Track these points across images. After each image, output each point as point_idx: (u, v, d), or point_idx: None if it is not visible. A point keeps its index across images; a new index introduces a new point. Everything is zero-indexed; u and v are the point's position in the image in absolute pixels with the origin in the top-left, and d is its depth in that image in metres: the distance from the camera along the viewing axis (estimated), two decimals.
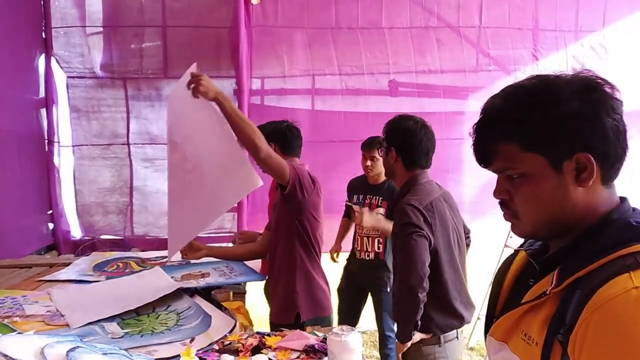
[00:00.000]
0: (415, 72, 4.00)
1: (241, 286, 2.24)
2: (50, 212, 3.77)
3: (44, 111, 3.71)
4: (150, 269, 2.40)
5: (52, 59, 3.72)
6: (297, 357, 1.43)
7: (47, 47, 3.71)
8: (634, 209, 0.78)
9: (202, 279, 2.19)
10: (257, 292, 2.77)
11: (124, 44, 3.83)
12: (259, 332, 1.60)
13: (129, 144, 3.87)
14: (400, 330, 1.86)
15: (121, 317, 1.77)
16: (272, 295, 2.24)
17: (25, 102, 3.58)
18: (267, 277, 2.29)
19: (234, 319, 1.72)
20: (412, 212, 1.80)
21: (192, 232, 2.03)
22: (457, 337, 1.91)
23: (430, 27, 3.97)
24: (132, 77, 3.85)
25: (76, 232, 3.89)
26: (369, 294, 3.10)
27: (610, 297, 0.65)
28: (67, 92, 3.80)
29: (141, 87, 3.86)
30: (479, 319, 3.75)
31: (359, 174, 3.12)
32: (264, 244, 2.27)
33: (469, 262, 2.08)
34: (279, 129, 2.33)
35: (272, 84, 3.97)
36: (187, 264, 2.41)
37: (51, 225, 3.78)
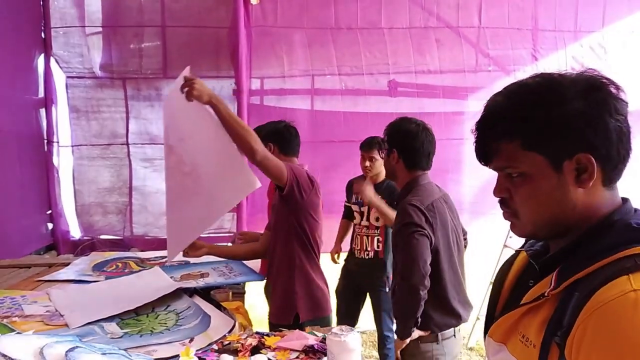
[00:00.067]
0: (414, 72, 4.00)
1: (240, 286, 2.24)
2: (49, 212, 3.77)
3: (43, 111, 3.71)
4: (149, 269, 2.40)
5: (52, 59, 3.72)
6: (297, 357, 1.43)
7: (46, 47, 3.71)
8: (635, 210, 0.76)
9: (201, 279, 2.20)
10: (256, 292, 2.77)
11: (124, 44, 3.83)
12: (258, 332, 1.60)
13: (128, 144, 3.87)
14: (400, 327, 1.90)
15: (120, 317, 1.77)
16: (271, 295, 2.23)
17: (24, 102, 3.58)
18: (266, 277, 2.29)
19: (233, 319, 1.72)
20: (414, 212, 1.83)
21: (191, 234, 2.02)
22: (454, 335, 1.95)
23: (429, 27, 3.98)
24: (132, 77, 3.85)
25: (75, 232, 3.89)
26: (368, 294, 3.10)
27: (608, 299, 0.64)
28: (67, 92, 3.80)
29: (140, 87, 3.86)
30: (479, 319, 3.75)
31: (358, 174, 3.12)
32: (264, 244, 2.27)
33: (468, 262, 2.11)
34: (277, 129, 2.31)
35: (272, 84, 3.97)
36: (186, 264, 2.41)
37: (50, 225, 3.78)
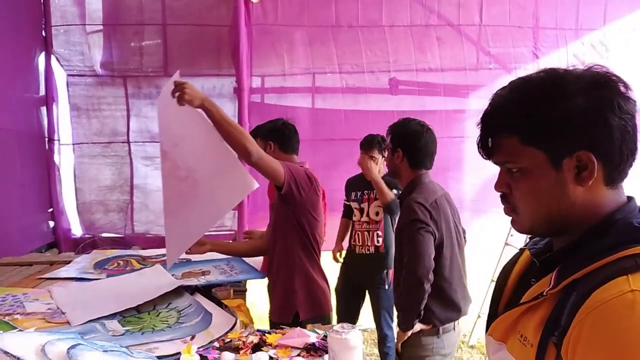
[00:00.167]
0: (415, 70, 4.00)
1: (242, 284, 2.24)
2: (50, 210, 3.77)
3: (44, 109, 3.71)
4: (150, 266, 2.40)
5: (52, 57, 3.72)
6: (298, 355, 1.43)
7: (47, 45, 3.71)
8: (639, 210, 0.75)
9: (202, 277, 2.20)
10: (257, 290, 2.77)
11: (124, 42, 3.83)
12: (259, 330, 1.60)
13: (129, 142, 3.87)
14: (403, 319, 1.96)
15: (122, 315, 1.77)
16: (271, 294, 2.24)
17: (25, 100, 3.58)
18: (267, 275, 2.29)
19: (234, 316, 1.73)
20: (419, 209, 1.90)
21: (190, 239, 1.99)
22: (454, 329, 2.02)
23: (430, 25, 3.97)
24: (132, 75, 3.85)
25: (77, 230, 3.89)
26: (367, 292, 3.10)
27: (605, 299, 0.64)
28: (67, 90, 3.80)
29: (141, 85, 3.86)
30: (480, 317, 3.75)
31: (359, 172, 3.12)
32: (267, 241, 2.27)
33: (469, 260, 2.15)
34: (276, 128, 2.30)
35: (273, 82, 3.97)
36: (187, 262, 2.41)
37: (52, 223, 3.79)
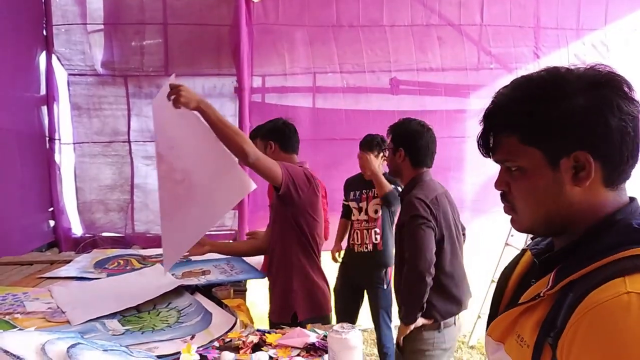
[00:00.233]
0: (416, 70, 4.00)
1: (242, 284, 2.24)
2: (51, 209, 3.78)
3: (44, 109, 3.71)
4: (151, 266, 2.41)
5: (53, 57, 3.73)
6: (298, 355, 1.43)
7: (48, 45, 3.71)
8: None
9: (202, 277, 2.20)
10: (257, 290, 2.77)
11: (125, 41, 3.83)
12: (259, 330, 1.60)
13: (129, 142, 3.87)
14: (405, 313, 1.99)
15: (122, 314, 1.77)
16: (271, 294, 2.23)
17: (26, 100, 3.58)
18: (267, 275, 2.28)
19: (234, 316, 1.73)
20: (420, 205, 1.95)
21: (188, 242, 1.97)
22: (454, 324, 2.07)
23: (431, 24, 3.97)
24: (133, 74, 3.85)
25: (77, 230, 3.90)
26: (366, 292, 3.10)
27: (600, 301, 0.63)
28: (68, 90, 3.80)
29: (142, 85, 3.86)
30: (480, 317, 3.75)
31: (358, 172, 3.12)
32: (267, 240, 2.27)
33: (469, 260, 2.20)
34: (276, 127, 2.30)
35: (273, 81, 3.97)
36: (187, 262, 2.41)
37: (52, 222, 3.79)
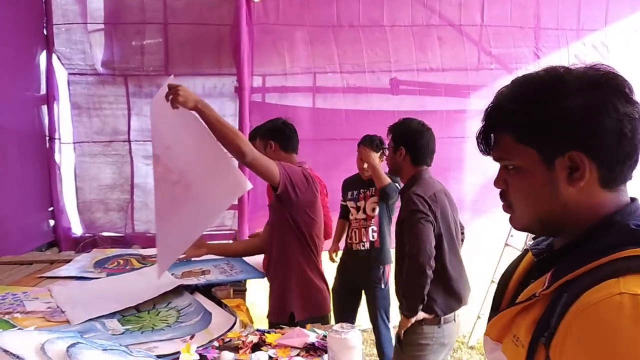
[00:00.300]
0: (416, 70, 4.00)
1: (241, 284, 2.25)
2: (51, 209, 3.78)
3: (45, 108, 3.71)
4: (150, 266, 2.41)
5: (54, 56, 3.73)
6: (297, 355, 1.43)
7: (48, 44, 3.71)
8: None
9: (202, 276, 2.20)
10: (257, 290, 2.77)
11: (125, 41, 3.83)
12: (259, 330, 1.60)
13: (130, 141, 3.87)
14: (407, 305, 2.02)
15: (122, 314, 1.77)
16: (269, 294, 2.23)
17: (26, 99, 3.58)
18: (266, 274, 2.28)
19: (234, 316, 1.73)
20: (419, 201, 2.00)
21: (183, 245, 1.95)
22: (454, 320, 2.10)
23: (431, 25, 3.97)
24: (133, 74, 3.85)
25: (77, 229, 3.90)
26: (363, 292, 3.11)
27: (593, 301, 0.63)
28: (68, 89, 3.80)
29: (142, 84, 3.86)
30: (480, 317, 3.75)
31: (356, 172, 3.13)
32: (265, 238, 2.26)
33: (469, 260, 2.20)
34: (276, 127, 2.29)
35: (274, 81, 3.97)
36: (187, 261, 2.41)
37: (52, 222, 3.79)
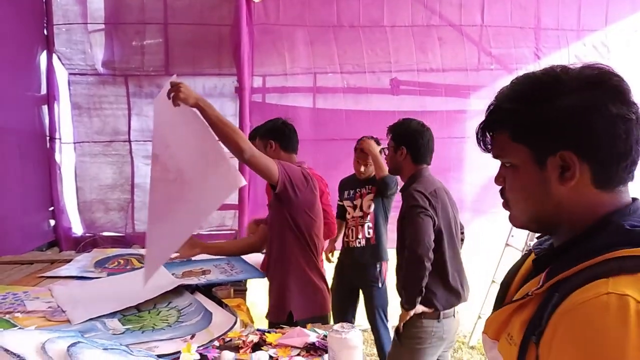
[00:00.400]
0: (417, 70, 4.00)
1: (242, 283, 2.24)
2: (51, 208, 3.78)
3: (45, 108, 3.72)
4: None
5: (54, 56, 3.73)
6: (298, 354, 1.43)
7: (48, 44, 3.71)
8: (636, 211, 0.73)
9: (202, 276, 2.20)
10: (257, 290, 2.77)
11: (126, 41, 3.83)
12: (259, 329, 1.60)
13: (130, 141, 3.87)
14: (406, 298, 2.05)
15: (122, 314, 1.77)
16: (269, 293, 2.23)
17: (26, 99, 3.58)
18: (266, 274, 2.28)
19: (234, 316, 1.73)
20: (419, 196, 2.05)
21: (175, 244, 1.92)
22: (453, 315, 2.14)
23: (432, 25, 3.97)
24: (134, 74, 3.86)
25: (77, 229, 3.90)
26: (361, 292, 3.12)
27: (580, 301, 0.64)
28: (69, 89, 3.81)
29: (142, 84, 3.87)
30: (480, 317, 3.75)
31: (352, 172, 3.13)
32: (261, 237, 2.26)
33: (470, 260, 2.20)
34: (276, 127, 2.29)
35: (274, 81, 3.97)
36: (187, 261, 2.41)
37: (52, 221, 3.79)
